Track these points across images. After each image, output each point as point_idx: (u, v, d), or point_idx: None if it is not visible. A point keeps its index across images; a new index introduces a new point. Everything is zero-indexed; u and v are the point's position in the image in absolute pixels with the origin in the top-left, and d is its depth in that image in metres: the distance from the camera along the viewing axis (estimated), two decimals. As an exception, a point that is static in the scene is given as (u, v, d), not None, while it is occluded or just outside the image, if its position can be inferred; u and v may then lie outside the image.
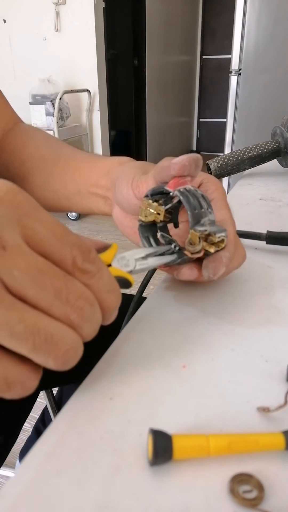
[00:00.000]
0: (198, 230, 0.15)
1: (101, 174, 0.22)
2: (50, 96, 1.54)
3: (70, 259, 0.11)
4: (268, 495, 0.10)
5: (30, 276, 0.10)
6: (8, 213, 0.10)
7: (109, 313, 0.12)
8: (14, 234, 0.10)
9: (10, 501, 0.10)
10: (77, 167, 0.23)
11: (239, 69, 1.18)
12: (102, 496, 0.10)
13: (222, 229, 0.16)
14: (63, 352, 0.10)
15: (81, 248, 0.11)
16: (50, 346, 0.10)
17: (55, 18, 1.60)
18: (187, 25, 2.54)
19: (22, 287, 0.10)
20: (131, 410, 0.12)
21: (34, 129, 0.29)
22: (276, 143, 0.38)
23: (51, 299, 0.10)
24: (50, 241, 0.11)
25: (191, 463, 0.11)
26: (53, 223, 0.11)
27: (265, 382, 0.13)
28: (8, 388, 0.10)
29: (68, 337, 0.10)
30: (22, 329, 0.10)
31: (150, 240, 0.18)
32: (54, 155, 0.26)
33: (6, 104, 0.30)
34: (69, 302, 0.10)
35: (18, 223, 0.10)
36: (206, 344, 0.15)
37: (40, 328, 0.10)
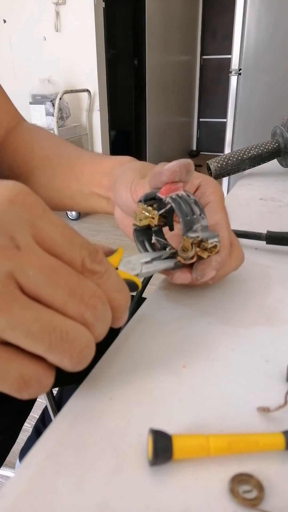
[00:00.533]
0: (190, 236, 0.15)
1: (104, 175, 0.22)
2: (50, 96, 1.54)
3: (79, 260, 0.11)
4: (268, 495, 0.10)
5: (44, 275, 0.10)
6: (20, 214, 0.11)
7: (119, 313, 0.12)
8: (26, 235, 0.10)
9: (10, 501, 0.10)
10: (80, 167, 0.24)
11: (239, 69, 1.18)
12: (102, 496, 0.10)
13: (214, 235, 0.16)
14: (78, 351, 0.10)
15: (89, 249, 0.11)
16: (66, 345, 0.10)
17: (55, 18, 1.60)
18: (187, 25, 2.54)
19: (37, 286, 0.10)
20: (131, 410, 0.12)
21: (37, 127, 0.29)
22: (276, 143, 0.38)
23: (65, 297, 0.10)
24: (60, 243, 0.11)
25: (191, 463, 0.11)
26: (62, 225, 0.11)
27: (265, 382, 0.14)
28: (25, 386, 0.10)
29: (83, 335, 0.10)
30: (38, 328, 0.10)
31: (145, 244, 0.18)
32: (57, 154, 0.26)
33: (9, 103, 0.30)
34: (83, 300, 0.11)
35: (29, 225, 0.11)
36: (206, 344, 0.15)
37: (56, 327, 0.10)
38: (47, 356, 0.10)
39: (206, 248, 0.16)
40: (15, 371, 0.10)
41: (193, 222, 0.16)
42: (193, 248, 0.16)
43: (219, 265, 0.16)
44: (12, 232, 0.10)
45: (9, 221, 0.10)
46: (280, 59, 1.14)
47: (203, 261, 0.16)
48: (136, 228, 0.18)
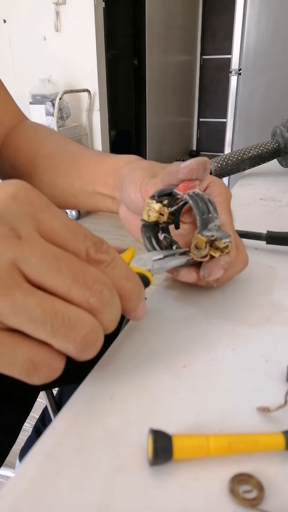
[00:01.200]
0: (205, 235, 0.15)
1: (108, 174, 0.22)
2: (50, 96, 1.54)
3: (83, 250, 0.11)
4: (268, 495, 0.10)
5: (47, 261, 0.10)
6: (22, 208, 0.11)
7: (132, 302, 0.12)
8: (28, 226, 0.10)
9: (10, 501, 0.10)
10: (84, 166, 0.23)
11: (239, 69, 1.18)
12: (102, 496, 0.10)
13: (227, 235, 0.16)
14: (82, 336, 0.10)
15: (94, 239, 0.11)
16: (68, 330, 0.10)
17: (55, 18, 1.60)
18: (187, 25, 2.54)
19: (40, 273, 0.10)
20: (131, 410, 0.12)
21: (39, 125, 0.29)
22: (276, 143, 0.38)
23: (69, 283, 0.10)
24: (64, 234, 0.11)
25: (191, 463, 0.11)
26: (65, 218, 0.11)
27: (265, 382, 0.13)
28: (34, 370, 0.10)
29: (86, 320, 0.10)
30: (40, 313, 0.10)
31: (152, 240, 0.18)
32: (60, 152, 0.26)
33: (11, 101, 0.29)
34: (87, 285, 0.10)
35: (32, 218, 0.11)
36: (206, 344, 0.15)
37: (57, 312, 0.10)
38: (51, 341, 0.10)
39: (219, 247, 0.16)
40: (23, 355, 0.10)
41: (209, 221, 0.16)
42: (207, 247, 0.16)
43: (227, 265, 0.16)
44: (13, 223, 0.10)
45: (11, 214, 0.10)
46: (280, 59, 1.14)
47: (212, 259, 0.16)
48: (144, 223, 0.18)
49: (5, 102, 0.29)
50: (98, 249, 0.11)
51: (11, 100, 0.29)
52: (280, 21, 1.11)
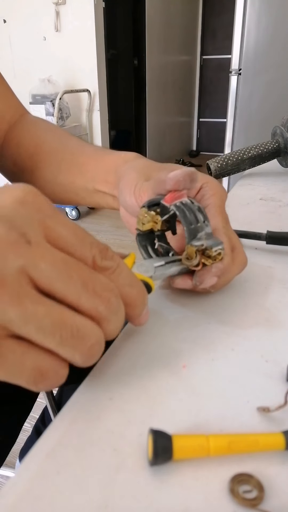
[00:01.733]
0: (195, 245, 0.15)
1: (108, 172, 0.22)
2: (50, 96, 1.54)
3: (90, 258, 0.11)
4: (268, 495, 0.10)
5: (57, 268, 0.10)
6: (30, 214, 0.11)
7: (136, 308, 0.12)
8: (37, 232, 0.10)
9: (10, 501, 0.10)
10: (84, 163, 0.23)
11: (239, 69, 1.18)
12: (102, 496, 0.10)
13: (219, 242, 0.16)
14: (89, 347, 0.10)
15: (100, 246, 0.11)
16: (77, 341, 0.10)
17: (55, 18, 1.60)
18: (187, 25, 2.54)
19: (50, 279, 0.10)
20: (131, 410, 0.12)
21: (40, 120, 0.29)
22: (276, 143, 0.38)
23: (78, 290, 0.10)
24: (71, 241, 0.11)
25: (191, 463, 0.11)
26: (72, 225, 0.11)
27: (265, 382, 0.13)
28: (42, 377, 0.10)
29: (94, 332, 0.10)
30: (49, 323, 0.10)
31: (148, 249, 0.18)
32: (61, 148, 0.25)
33: (12, 96, 0.29)
34: (96, 293, 0.11)
35: (40, 224, 0.11)
36: (206, 344, 0.15)
37: (66, 323, 0.10)
38: (59, 350, 0.10)
39: (210, 256, 0.16)
40: (31, 363, 0.10)
41: (197, 230, 0.16)
42: (197, 256, 0.16)
43: (220, 271, 0.16)
44: (23, 228, 0.10)
45: (20, 219, 0.10)
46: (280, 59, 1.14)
47: (203, 267, 0.16)
48: (139, 232, 0.18)
49: (6, 96, 0.28)
50: (104, 256, 0.11)
51: (12, 94, 0.29)
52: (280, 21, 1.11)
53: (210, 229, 0.16)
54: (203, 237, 0.16)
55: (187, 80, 2.70)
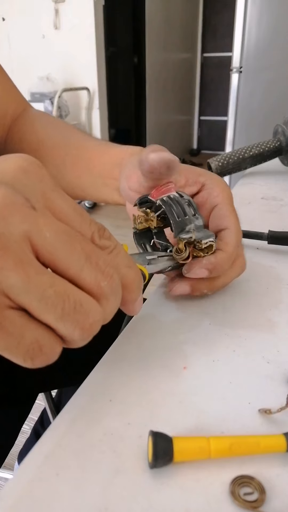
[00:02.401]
0: (183, 237, 0.15)
1: (114, 165, 0.21)
2: (49, 94, 1.53)
3: (89, 234, 0.11)
4: (269, 497, 0.10)
5: (61, 238, 0.10)
6: (33, 183, 0.10)
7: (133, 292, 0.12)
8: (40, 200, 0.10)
9: (9, 503, 0.10)
10: (90, 157, 0.23)
11: (240, 66, 1.17)
12: (101, 499, 0.10)
13: (209, 234, 0.16)
14: (90, 323, 0.10)
15: (98, 225, 0.11)
16: (79, 316, 0.10)
17: (54, 16, 1.59)
18: (188, 23, 2.52)
19: (54, 248, 0.10)
20: (131, 412, 0.12)
21: (43, 114, 0.29)
22: (277, 141, 0.38)
23: (82, 262, 0.10)
24: (71, 215, 0.11)
25: (192, 466, 0.11)
26: (72, 201, 0.11)
27: (266, 384, 0.13)
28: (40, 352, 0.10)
29: (96, 308, 0.10)
30: (53, 294, 0.09)
31: (146, 247, 0.18)
32: (64, 143, 0.25)
33: (14, 90, 0.28)
34: (99, 267, 0.10)
35: (42, 194, 0.10)
36: (207, 345, 0.15)
37: (70, 295, 0.10)
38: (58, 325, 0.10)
39: (201, 248, 0.16)
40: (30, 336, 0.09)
41: (185, 223, 0.15)
42: (187, 249, 0.15)
43: (211, 265, 0.15)
44: (27, 194, 0.10)
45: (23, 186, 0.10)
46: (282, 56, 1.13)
47: (195, 259, 0.16)
48: (135, 231, 0.17)
49: (9, 90, 0.28)
50: (102, 235, 0.11)
51: (14, 88, 0.29)
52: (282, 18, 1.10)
53: (201, 221, 0.16)
54: (191, 229, 0.15)
55: (187, 78, 2.69)
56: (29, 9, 1.63)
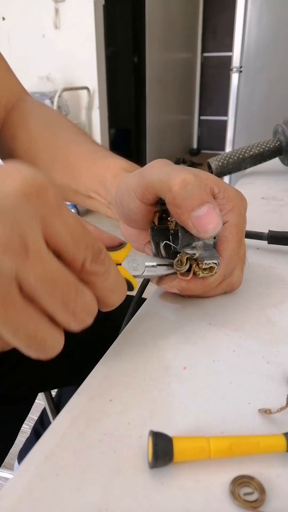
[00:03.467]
0: (186, 252, 0.15)
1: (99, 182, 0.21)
2: (49, 93, 1.53)
3: (80, 260, 0.11)
4: (270, 497, 0.10)
5: (44, 284, 0.11)
6: (34, 209, 0.10)
7: (109, 308, 0.13)
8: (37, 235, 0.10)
9: (8, 503, 0.10)
10: (77, 166, 0.23)
11: (241, 66, 1.17)
12: (101, 499, 0.10)
13: (215, 256, 0.16)
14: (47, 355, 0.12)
15: (93, 249, 0.12)
16: (40, 350, 0.11)
17: (54, 16, 1.59)
18: (188, 22, 2.52)
19: (35, 292, 0.11)
20: (131, 412, 0.12)
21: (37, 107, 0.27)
22: (277, 141, 0.38)
23: (58, 308, 0.11)
24: (67, 242, 0.11)
25: (192, 466, 0.11)
26: (73, 224, 0.11)
27: (266, 384, 0.13)
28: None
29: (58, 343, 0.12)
30: (23, 334, 0.11)
31: (159, 245, 0.18)
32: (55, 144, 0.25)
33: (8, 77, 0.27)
34: (74, 313, 0.11)
35: (41, 219, 0.11)
36: (207, 345, 0.15)
37: (38, 335, 0.11)
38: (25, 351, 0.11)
39: (202, 267, 0.16)
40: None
41: (193, 239, 0.15)
42: (187, 264, 0.15)
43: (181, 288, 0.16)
44: (23, 229, 0.10)
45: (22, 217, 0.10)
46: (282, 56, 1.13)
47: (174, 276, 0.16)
48: (153, 226, 0.17)
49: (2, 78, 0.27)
50: (95, 259, 0.12)
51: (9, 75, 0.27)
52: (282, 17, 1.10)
53: (211, 241, 0.16)
54: (198, 246, 0.15)
55: (187, 77, 2.69)
56: (29, 9, 1.63)
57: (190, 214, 0.14)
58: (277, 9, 1.10)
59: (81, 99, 1.69)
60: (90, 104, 1.68)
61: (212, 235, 0.14)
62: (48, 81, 1.55)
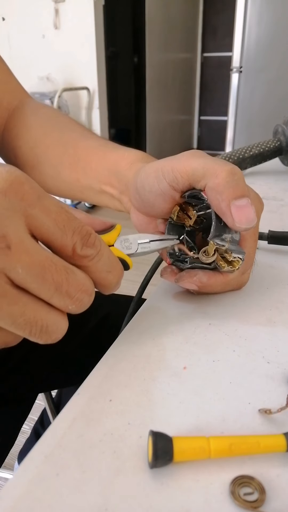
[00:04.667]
0: (217, 243, 0.15)
1: (111, 173, 0.21)
2: (49, 94, 1.53)
3: (70, 246, 0.11)
4: (270, 497, 0.10)
5: (33, 272, 0.11)
6: (13, 205, 0.11)
7: (109, 289, 0.13)
8: (18, 228, 0.11)
9: (8, 504, 0.10)
10: (87, 159, 0.22)
11: (241, 66, 1.17)
12: (101, 499, 0.10)
13: (241, 251, 0.16)
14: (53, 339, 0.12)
15: (82, 233, 0.12)
16: (44, 335, 0.12)
17: (54, 16, 1.59)
18: (188, 22, 2.52)
19: (26, 281, 0.11)
20: (131, 412, 0.12)
21: (41, 107, 0.27)
22: (277, 141, 0.38)
23: (51, 292, 0.11)
24: (52, 230, 0.11)
25: (192, 466, 0.11)
26: (56, 212, 0.11)
27: (266, 384, 0.13)
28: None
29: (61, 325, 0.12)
30: (22, 322, 0.11)
31: None
32: (62, 141, 0.24)
33: (9, 80, 0.27)
34: (69, 295, 0.11)
35: (22, 214, 0.11)
36: (207, 345, 0.15)
37: (37, 321, 0.11)
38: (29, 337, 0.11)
39: (228, 260, 0.15)
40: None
41: (225, 231, 0.15)
42: (215, 255, 0.15)
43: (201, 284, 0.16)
44: (4, 227, 0.10)
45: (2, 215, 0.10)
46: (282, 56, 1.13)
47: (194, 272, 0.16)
48: (171, 221, 0.17)
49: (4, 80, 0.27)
50: (85, 243, 0.12)
51: (10, 78, 0.27)
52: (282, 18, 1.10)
53: (238, 237, 0.16)
54: (227, 239, 0.15)
55: (187, 77, 2.69)
56: (29, 9, 1.63)
57: (232, 201, 0.14)
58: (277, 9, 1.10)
59: (81, 99, 1.69)
60: (90, 104, 1.69)
61: (247, 228, 0.15)
62: (48, 81, 1.55)
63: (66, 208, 0.11)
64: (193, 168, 0.15)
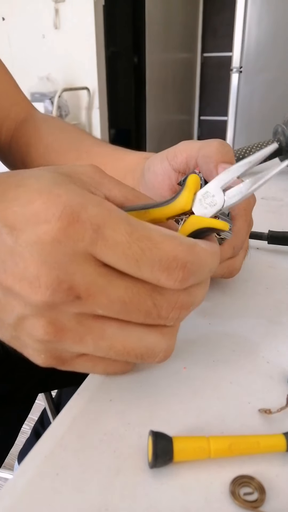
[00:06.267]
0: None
1: (127, 171, 0.21)
2: (49, 94, 1.54)
3: (153, 281, 0.10)
4: (270, 497, 0.10)
5: (114, 311, 0.10)
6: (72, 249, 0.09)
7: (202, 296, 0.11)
8: (85, 272, 0.09)
9: (8, 504, 0.10)
10: (102, 163, 0.22)
11: (240, 66, 1.17)
12: (101, 499, 0.10)
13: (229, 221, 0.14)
14: (159, 359, 0.11)
15: (162, 263, 0.09)
16: (145, 359, 0.11)
17: (54, 16, 1.59)
18: (188, 23, 2.52)
19: (111, 315, 0.10)
20: (131, 412, 0.12)
21: (51, 118, 0.28)
22: (277, 141, 0.38)
23: (142, 321, 0.10)
24: (125, 266, 0.09)
25: (192, 465, 0.11)
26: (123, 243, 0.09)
27: (266, 384, 0.13)
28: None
29: (160, 345, 0.11)
30: (114, 354, 0.11)
31: None
32: (75, 147, 0.24)
33: (17, 92, 0.28)
34: (161, 317, 0.10)
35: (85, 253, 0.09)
36: (207, 345, 0.15)
37: (129, 351, 0.11)
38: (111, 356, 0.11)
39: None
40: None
41: None
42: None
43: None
44: (67, 277, 0.09)
45: (62, 265, 0.09)
46: (281, 57, 1.13)
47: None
48: None
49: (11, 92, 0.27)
50: (171, 275, 0.09)
51: (17, 91, 0.28)
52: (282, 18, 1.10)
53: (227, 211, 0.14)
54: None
55: (187, 78, 2.69)
56: (29, 9, 1.63)
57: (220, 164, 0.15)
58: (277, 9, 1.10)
59: (81, 99, 1.69)
60: (90, 104, 1.69)
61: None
62: (48, 81, 1.55)
63: (141, 231, 0.09)
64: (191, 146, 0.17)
